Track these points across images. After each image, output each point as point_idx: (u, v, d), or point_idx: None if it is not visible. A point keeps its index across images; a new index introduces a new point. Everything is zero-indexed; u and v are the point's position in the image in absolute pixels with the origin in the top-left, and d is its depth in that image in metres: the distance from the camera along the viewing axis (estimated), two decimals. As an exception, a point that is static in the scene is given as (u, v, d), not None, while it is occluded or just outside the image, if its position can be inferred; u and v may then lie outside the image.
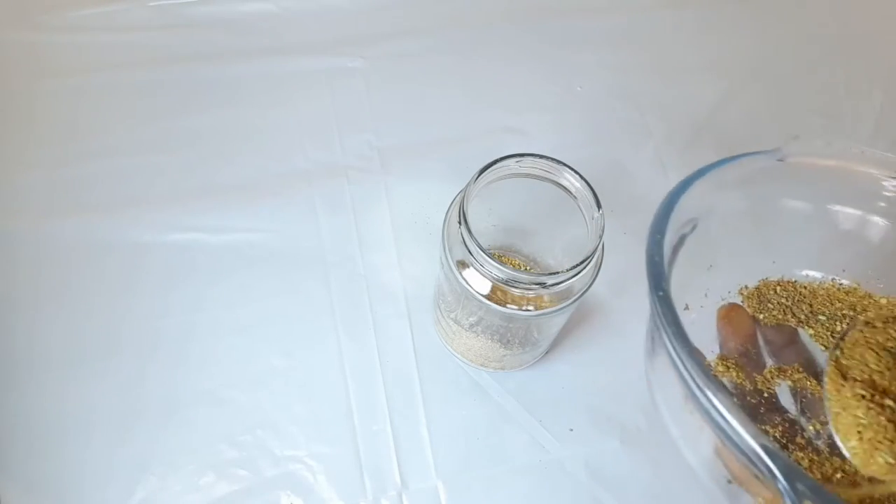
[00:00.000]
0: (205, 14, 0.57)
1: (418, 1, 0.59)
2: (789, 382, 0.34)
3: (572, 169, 0.35)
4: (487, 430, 0.43)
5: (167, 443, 0.41)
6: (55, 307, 0.44)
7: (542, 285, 0.33)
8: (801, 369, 0.34)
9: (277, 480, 0.40)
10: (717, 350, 0.35)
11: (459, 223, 0.33)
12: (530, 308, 0.35)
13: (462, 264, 0.35)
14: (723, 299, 0.36)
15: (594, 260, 0.34)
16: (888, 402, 0.27)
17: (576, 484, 0.41)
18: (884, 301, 0.35)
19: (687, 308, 0.35)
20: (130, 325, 0.44)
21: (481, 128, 0.54)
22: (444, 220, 0.37)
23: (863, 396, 0.28)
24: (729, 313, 0.36)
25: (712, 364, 0.34)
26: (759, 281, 0.37)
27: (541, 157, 0.35)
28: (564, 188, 0.35)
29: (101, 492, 0.40)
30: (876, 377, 0.28)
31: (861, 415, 0.28)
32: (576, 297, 0.35)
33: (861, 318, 0.31)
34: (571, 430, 0.43)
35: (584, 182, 0.34)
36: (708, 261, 0.35)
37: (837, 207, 0.36)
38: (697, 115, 0.56)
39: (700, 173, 0.32)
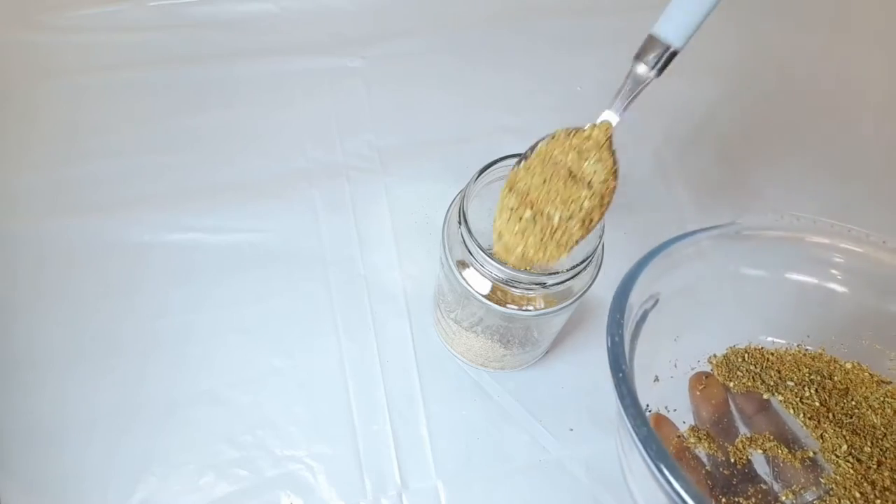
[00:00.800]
0: (205, 14, 0.57)
1: (418, 1, 0.59)
2: (760, 451, 0.33)
3: (572, 169, 0.35)
4: (487, 430, 0.43)
5: (167, 443, 0.41)
6: (56, 307, 0.44)
7: (542, 285, 0.33)
8: (772, 438, 0.34)
9: (277, 480, 0.40)
10: (690, 420, 0.35)
11: (459, 223, 0.33)
12: (530, 308, 0.35)
13: (462, 264, 0.35)
14: (692, 368, 0.36)
15: (594, 260, 0.34)
16: (526, 213, 0.31)
17: (576, 484, 0.41)
18: (849, 366, 0.35)
19: (657, 380, 0.35)
20: (131, 324, 0.44)
21: (481, 128, 0.54)
22: (444, 220, 0.37)
23: (511, 209, 0.32)
24: (699, 382, 0.36)
25: (685, 435, 0.34)
26: (728, 349, 0.37)
27: (541, 157, 0.35)
28: (564, 188, 0.35)
29: (101, 492, 0.40)
30: (531, 189, 0.32)
31: (502, 222, 0.32)
32: (576, 297, 0.35)
33: (558, 129, 0.33)
34: (571, 430, 0.43)
35: (583, 182, 0.34)
36: (674, 332, 0.35)
37: (794, 276, 0.36)
38: (697, 116, 0.56)
39: (656, 252, 0.32)
